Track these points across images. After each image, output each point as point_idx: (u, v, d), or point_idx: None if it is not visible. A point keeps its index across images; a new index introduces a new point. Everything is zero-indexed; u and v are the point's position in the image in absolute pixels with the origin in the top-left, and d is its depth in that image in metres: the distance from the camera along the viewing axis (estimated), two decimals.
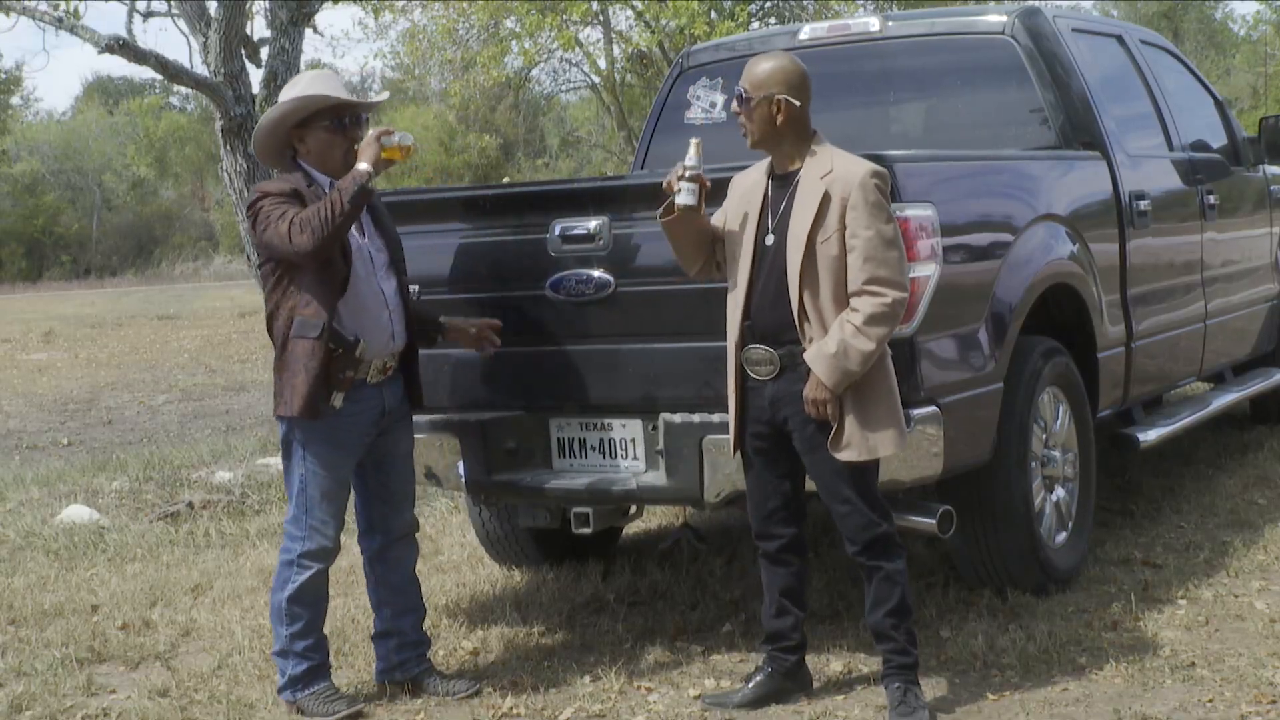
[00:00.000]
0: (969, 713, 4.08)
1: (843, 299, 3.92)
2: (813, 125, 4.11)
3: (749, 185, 4.16)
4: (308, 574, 4.39)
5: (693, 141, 4.09)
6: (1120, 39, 6.55)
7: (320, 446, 4.35)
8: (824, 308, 3.93)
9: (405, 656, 4.58)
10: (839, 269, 3.92)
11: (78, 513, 7.37)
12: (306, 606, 4.40)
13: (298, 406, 4.24)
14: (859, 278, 3.89)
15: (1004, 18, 5.87)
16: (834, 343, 3.87)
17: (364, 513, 4.58)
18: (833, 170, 3.96)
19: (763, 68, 4.08)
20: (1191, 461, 7.21)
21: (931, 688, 4.21)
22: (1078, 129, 5.75)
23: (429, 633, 4.73)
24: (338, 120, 4.35)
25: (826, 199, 3.93)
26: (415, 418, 4.67)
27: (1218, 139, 7.10)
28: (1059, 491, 5.19)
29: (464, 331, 4.65)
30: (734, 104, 4.12)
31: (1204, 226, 6.52)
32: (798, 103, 4.03)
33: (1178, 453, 7.27)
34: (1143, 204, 5.88)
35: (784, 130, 4.04)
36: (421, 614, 4.64)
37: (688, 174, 4.06)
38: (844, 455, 3.97)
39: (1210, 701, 4.04)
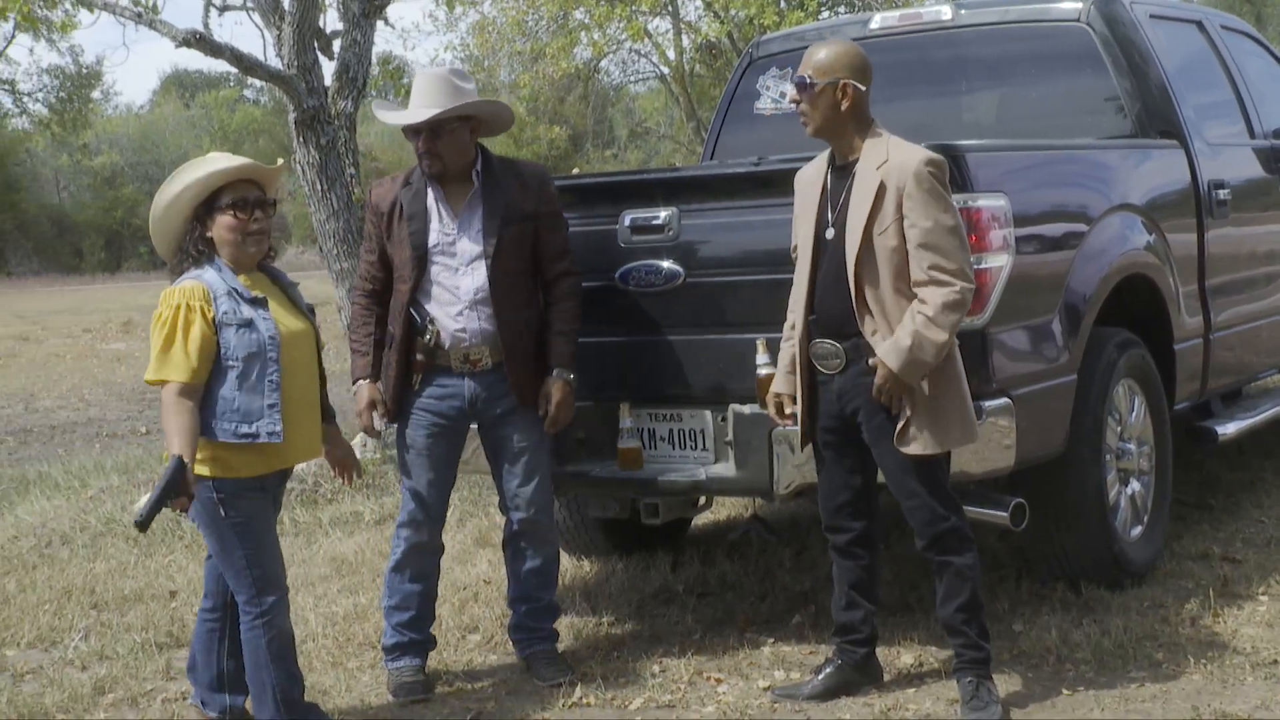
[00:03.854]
0: (1042, 707, 4.04)
1: (903, 290, 3.89)
2: (880, 115, 4.08)
3: (809, 178, 4.13)
4: (401, 547, 4.57)
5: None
6: (1200, 24, 6.44)
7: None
8: (884, 299, 3.90)
9: (518, 637, 4.67)
10: (898, 260, 3.89)
11: None
12: (401, 579, 4.59)
13: None
14: (921, 268, 3.86)
15: (1079, 4, 5.79)
16: (907, 335, 3.84)
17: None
18: (888, 159, 3.92)
19: (826, 52, 4.03)
20: (1272, 455, 7.08)
21: (1004, 682, 4.17)
22: (1155, 117, 5.66)
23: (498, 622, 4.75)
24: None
25: (882, 189, 3.90)
26: None
27: None
28: (1134, 485, 5.13)
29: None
30: (794, 91, 4.06)
31: None
32: (863, 87, 4.00)
33: (1257, 446, 7.14)
34: (1222, 193, 5.78)
35: (847, 117, 4.00)
36: (535, 604, 4.65)
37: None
38: (910, 449, 3.93)
39: None
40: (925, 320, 3.83)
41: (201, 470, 3.84)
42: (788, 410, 4.15)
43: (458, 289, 4.45)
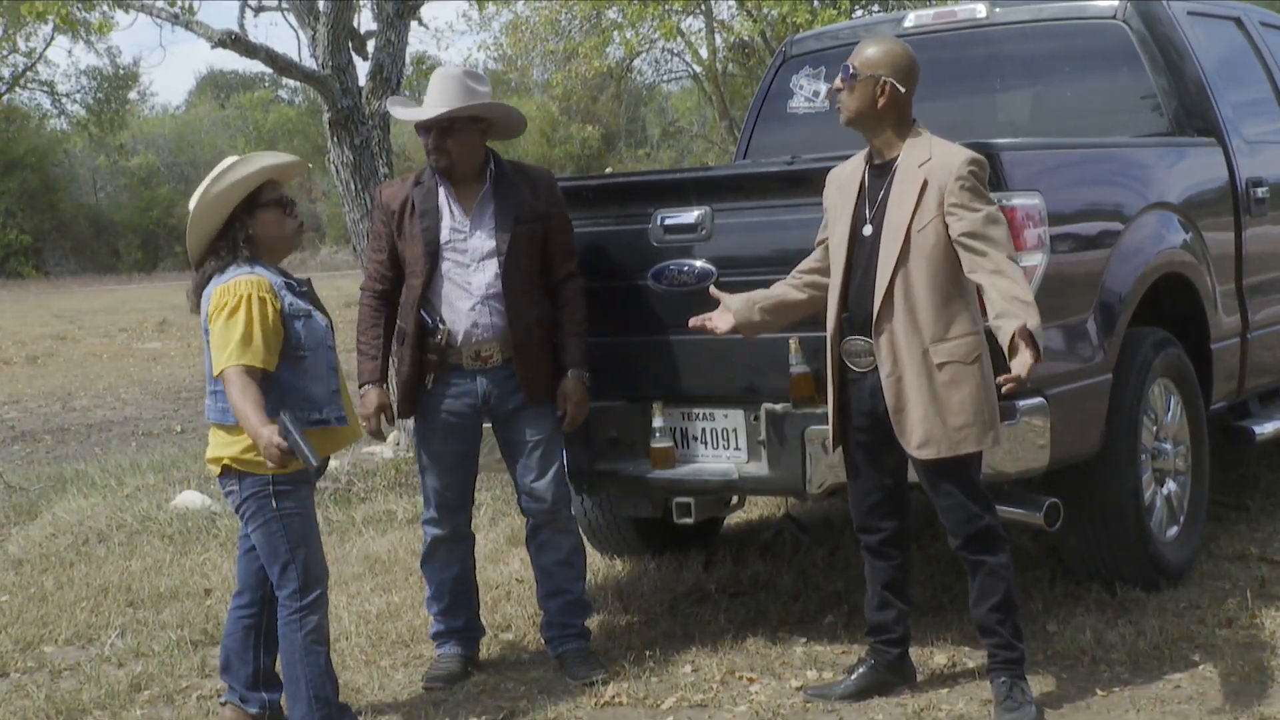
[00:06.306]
0: (1077, 708, 4.02)
1: (937, 288, 3.87)
2: (914, 114, 4.07)
3: (846, 176, 4.13)
4: (427, 540, 4.69)
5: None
6: (1239, 21, 6.38)
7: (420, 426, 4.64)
8: (917, 298, 3.88)
9: (550, 635, 4.70)
10: (936, 258, 3.87)
11: (191, 499, 7.55)
12: (432, 570, 4.71)
13: None
14: (975, 256, 3.80)
15: (1116, 2, 5.75)
16: (1015, 293, 3.72)
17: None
18: (931, 158, 3.92)
19: (876, 48, 4.05)
20: None
21: (1038, 682, 4.15)
22: (1192, 115, 5.62)
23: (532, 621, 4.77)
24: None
25: (925, 187, 3.89)
26: None
27: None
28: (1170, 485, 5.09)
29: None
30: (837, 79, 4.08)
31: None
32: (903, 88, 3.99)
33: None
34: (1260, 191, 5.73)
35: (884, 113, 4.00)
36: (567, 598, 4.68)
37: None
38: (922, 453, 3.92)
39: None
40: (1020, 301, 3.72)
41: (261, 464, 3.87)
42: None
43: (469, 284, 4.51)
